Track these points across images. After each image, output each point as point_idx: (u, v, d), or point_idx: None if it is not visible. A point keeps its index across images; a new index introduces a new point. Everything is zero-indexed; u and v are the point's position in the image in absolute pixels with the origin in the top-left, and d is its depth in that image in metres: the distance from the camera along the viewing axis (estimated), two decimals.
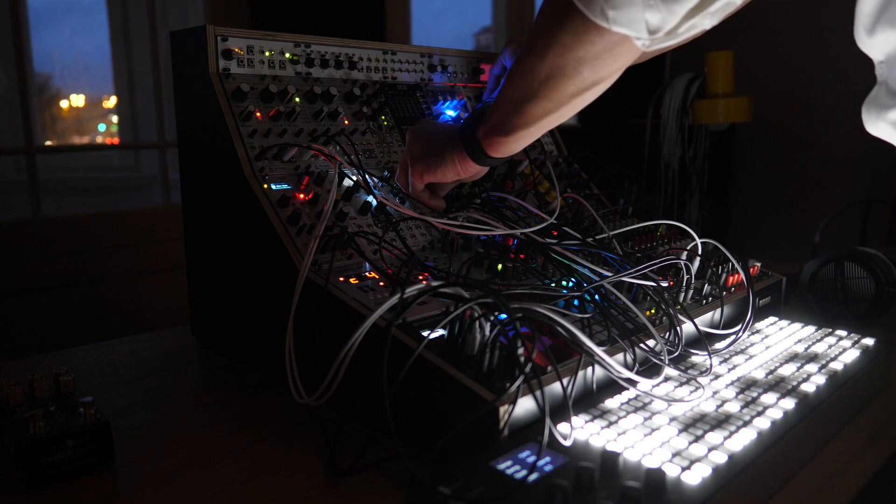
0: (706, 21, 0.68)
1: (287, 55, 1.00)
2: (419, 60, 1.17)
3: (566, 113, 0.78)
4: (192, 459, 0.71)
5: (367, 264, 0.86)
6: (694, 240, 1.01)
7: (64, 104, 3.97)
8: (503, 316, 0.69)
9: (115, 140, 3.94)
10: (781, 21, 3.32)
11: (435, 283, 0.70)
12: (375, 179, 0.98)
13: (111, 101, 3.98)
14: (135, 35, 3.15)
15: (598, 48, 0.68)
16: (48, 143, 3.73)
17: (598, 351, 0.69)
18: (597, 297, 0.81)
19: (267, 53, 0.98)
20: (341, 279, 0.81)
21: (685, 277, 0.92)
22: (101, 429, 0.67)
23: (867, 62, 0.87)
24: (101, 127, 4.14)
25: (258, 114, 0.94)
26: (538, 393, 0.62)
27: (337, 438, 0.71)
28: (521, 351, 0.64)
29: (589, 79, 0.72)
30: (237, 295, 0.95)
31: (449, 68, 1.21)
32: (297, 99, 0.99)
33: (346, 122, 1.03)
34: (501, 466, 0.56)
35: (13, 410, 0.69)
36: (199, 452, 0.73)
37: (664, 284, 0.88)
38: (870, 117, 0.84)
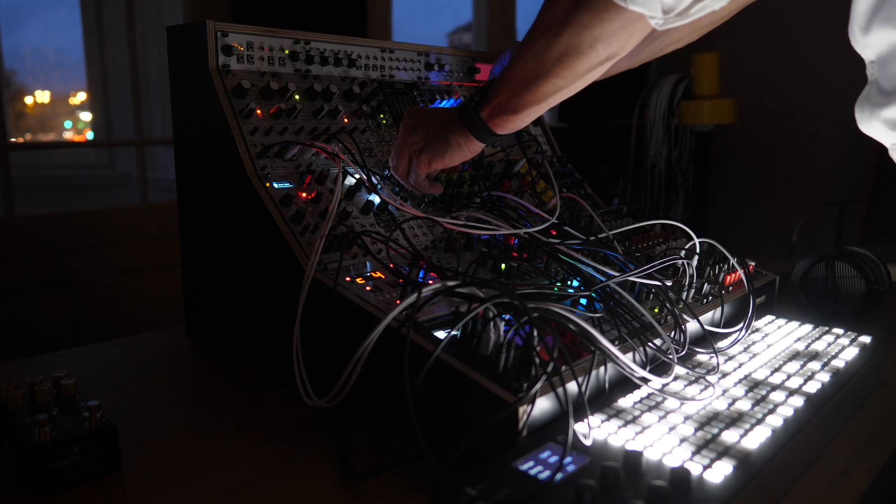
0: (716, 2, 0.70)
1: (286, 52, 0.98)
2: (416, 59, 1.16)
3: (576, 88, 0.80)
4: (198, 464, 0.70)
5: (369, 263, 0.85)
6: (691, 239, 1.02)
7: (28, 100, 3.86)
8: (506, 316, 0.68)
9: (83, 137, 3.84)
10: (758, 24, 3.37)
11: (451, 283, 0.69)
12: (377, 178, 0.97)
13: (78, 98, 3.88)
14: (109, 30, 3.08)
15: (614, 25, 0.71)
16: (18, 139, 3.63)
17: (615, 350, 0.69)
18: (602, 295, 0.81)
19: (266, 50, 0.96)
20: (347, 279, 0.80)
21: (687, 277, 0.92)
22: (108, 434, 0.65)
23: (844, 66, 0.89)
24: (68, 124, 4.04)
25: (258, 111, 0.92)
26: (560, 392, 0.62)
27: (348, 441, 0.70)
28: (538, 349, 0.64)
29: (602, 55, 0.75)
30: (237, 296, 0.93)
31: (446, 67, 1.21)
32: (297, 96, 0.98)
33: (346, 120, 1.02)
34: (524, 467, 0.56)
35: (14, 415, 0.67)
36: (205, 457, 0.71)
37: (669, 284, 0.89)
38: (863, 116, 0.86)
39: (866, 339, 0.90)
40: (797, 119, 3.35)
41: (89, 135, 3.81)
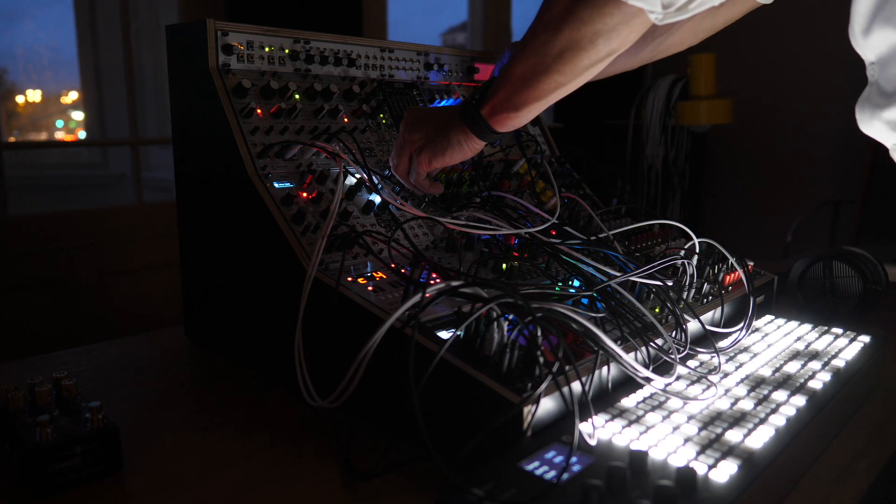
0: None
1: (286, 51, 0.98)
2: (415, 59, 1.16)
3: (576, 84, 0.81)
4: (200, 465, 0.69)
5: (370, 264, 0.85)
6: (689, 239, 1.02)
7: (20, 99, 3.84)
8: (509, 316, 0.68)
9: (75, 136, 3.82)
10: (755, 24, 3.38)
11: (455, 283, 0.69)
12: (378, 178, 0.97)
13: (70, 97, 3.86)
14: (103, 29, 3.07)
15: (615, 20, 0.72)
16: (10, 139, 3.61)
17: (619, 350, 0.69)
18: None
19: (266, 49, 0.96)
20: (349, 279, 0.80)
21: (688, 276, 0.93)
22: (110, 435, 0.65)
23: (840, 67, 0.90)
24: (59, 123, 4.01)
25: (259, 111, 0.92)
26: (566, 391, 0.62)
27: (350, 442, 0.70)
28: (541, 349, 0.64)
29: (603, 51, 0.75)
30: (238, 296, 0.93)
31: (445, 67, 1.21)
32: (297, 96, 0.97)
33: (346, 119, 1.02)
34: (529, 467, 0.56)
35: (15, 416, 0.66)
36: (207, 458, 0.71)
37: (670, 284, 0.89)
38: (864, 117, 0.86)
39: (865, 338, 0.91)
40: (793, 119, 3.37)
41: (81, 134, 3.79)
